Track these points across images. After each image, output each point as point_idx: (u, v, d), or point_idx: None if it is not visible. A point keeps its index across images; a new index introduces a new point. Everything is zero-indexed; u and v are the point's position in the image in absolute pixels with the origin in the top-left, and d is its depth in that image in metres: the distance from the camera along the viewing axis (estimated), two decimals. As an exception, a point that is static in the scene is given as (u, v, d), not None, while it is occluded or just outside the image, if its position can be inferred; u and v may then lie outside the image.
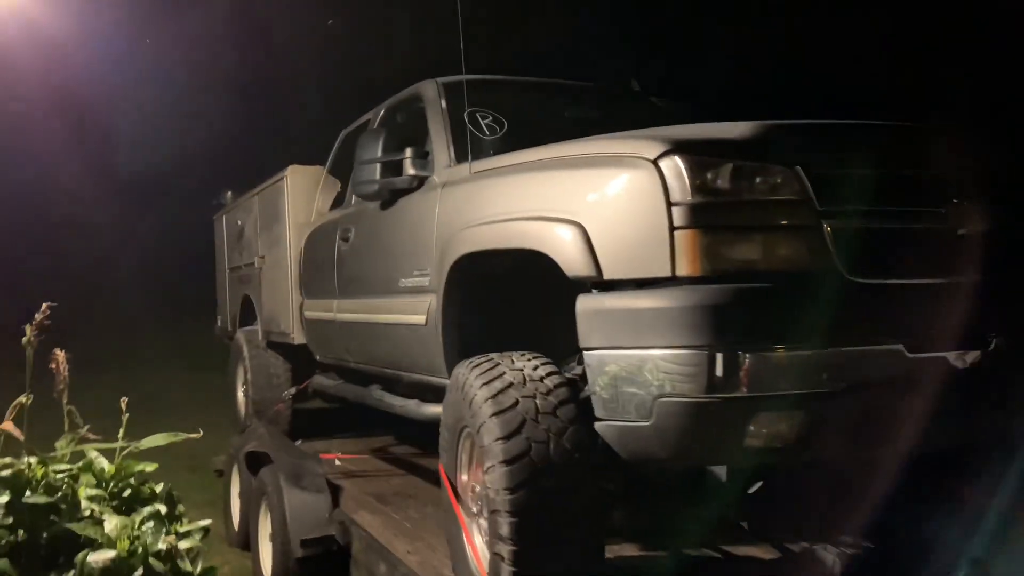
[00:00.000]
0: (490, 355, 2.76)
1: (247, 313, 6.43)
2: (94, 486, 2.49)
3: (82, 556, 2.16)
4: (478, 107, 3.74)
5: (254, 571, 4.49)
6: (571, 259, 2.49)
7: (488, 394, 2.55)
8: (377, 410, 4.38)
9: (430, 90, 4.01)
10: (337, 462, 4.81)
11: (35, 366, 2.71)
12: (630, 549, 3.18)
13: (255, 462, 4.61)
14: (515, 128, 3.77)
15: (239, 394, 6.41)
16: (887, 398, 2.31)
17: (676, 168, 2.29)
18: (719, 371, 2.19)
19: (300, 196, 5.41)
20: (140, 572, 2.19)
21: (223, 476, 5.57)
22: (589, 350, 2.47)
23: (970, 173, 2.52)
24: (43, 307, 2.78)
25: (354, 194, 4.33)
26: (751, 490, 3.07)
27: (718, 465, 2.96)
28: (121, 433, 2.73)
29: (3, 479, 2.32)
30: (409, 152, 3.68)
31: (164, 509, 2.41)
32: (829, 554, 2.82)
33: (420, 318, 3.46)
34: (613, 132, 2.83)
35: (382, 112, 4.63)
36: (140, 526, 2.29)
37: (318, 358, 5.25)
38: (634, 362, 2.32)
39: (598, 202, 2.50)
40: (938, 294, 2.38)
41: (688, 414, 2.24)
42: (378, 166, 3.73)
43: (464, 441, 2.85)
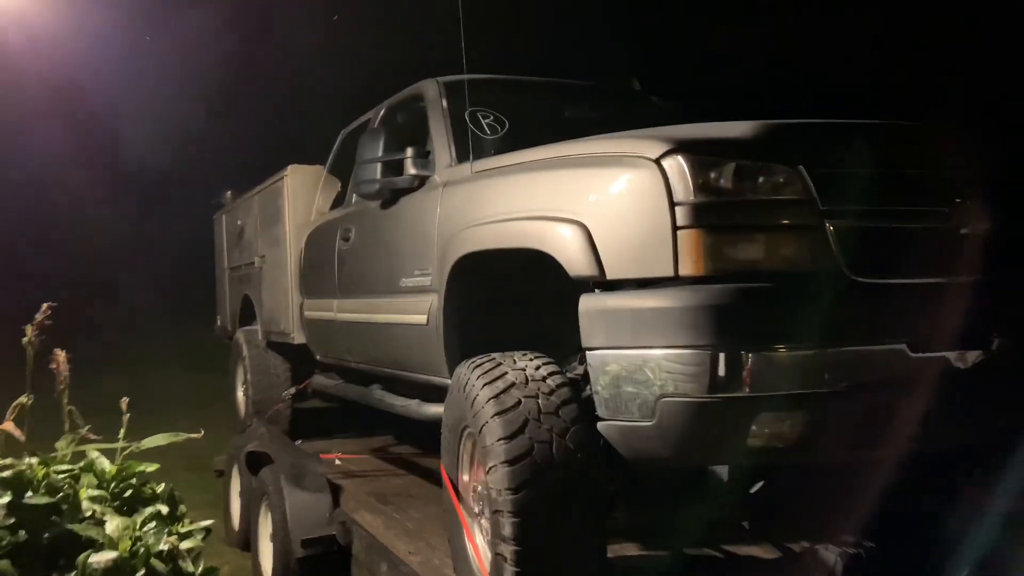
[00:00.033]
0: (492, 355, 2.76)
1: (247, 313, 6.42)
2: (95, 487, 2.49)
3: (84, 557, 2.15)
4: (478, 106, 3.74)
5: (254, 571, 4.49)
6: (574, 259, 2.48)
7: (490, 394, 2.54)
8: (377, 410, 4.37)
9: (431, 89, 4.01)
10: (337, 462, 4.81)
11: (35, 366, 2.71)
12: (631, 549, 3.18)
13: (255, 462, 4.61)
14: (516, 128, 3.77)
15: (239, 394, 6.41)
16: (890, 398, 2.30)
17: (679, 168, 2.28)
18: (722, 371, 2.19)
19: (300, 196, 5.40)
20: (142, 573, 2.19)
21: (223, 476, 5.57)
22: (592, 350, 2.46)
23: (973, 172, 2.52)
24: (43, 307, 2.78)
25: (355, 193, 4.33)
26: (752, 490, 3.07)
27: (720, 465, 2.96)
28: (122, 433, 2.73)
29: (4, 480, 2.32)
30: (410, 151, 3.67)
31: (166, 510, 2.41)
32: (831, 554, 2.82)
33: (421, 318, 3.46)
34: (614, 131, 2.83)
35: (382, 111, 4.63)
36: (142, 527, 2.29)
37: (318, 358, 5.25)
38: (637, 362, 2.32)
39: (601, 202, 2.49)
40: (941, 294, 2.37)
41: (691, 414, 2.24)
42: (379, 165, 3.73)
43: (466, 441, 2.85)
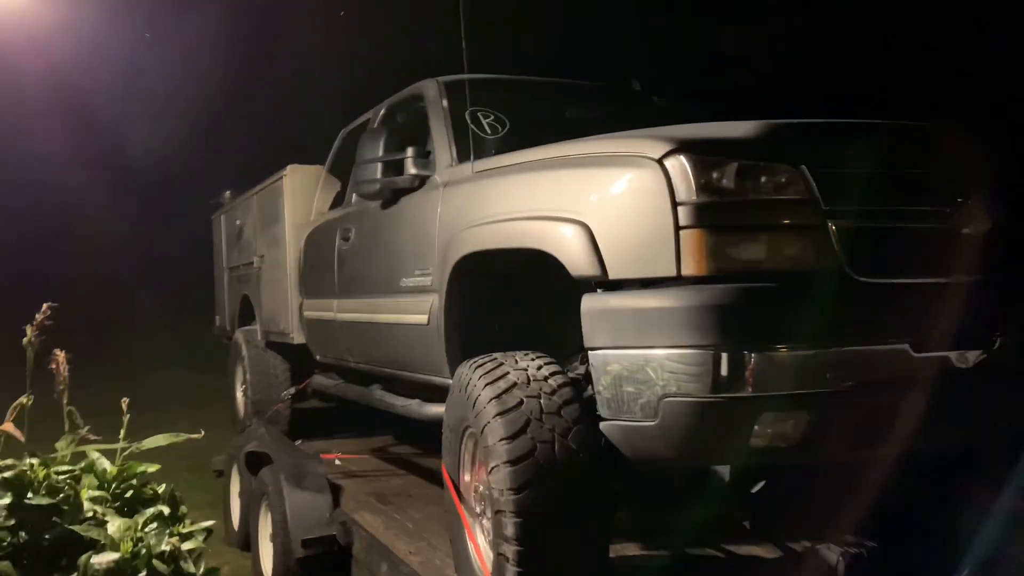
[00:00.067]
0: (494, 355, 2.75)
1: (246, 313, 6.41)
2: (96, 487, 2.48)
3: (85, 558, 2.15)
4: (478, 106, 3.73)
5: (254, 571, 4.48)
6: (576, 259, 2.48)
7: (492, 394, 2.54)
8: (376, 410, 4.37)
9: (431, 89, 4.00)
10: (337, 462, 4.80)
11: (35, 366, 2.70)
12: (633, 548, 3.18)
13: (255, 462, 4.60)
14: (516, 127, 3.76)
15: (238, 394, 6.41)
16: (892, 398, 2.30)
17: (681, 167, 2.28)
18: (725, 371, 2.19)
19: (299, 195, 5.39)
20: (144, 574, 2.18)
21: (222, 476, 5.56)
22: (594, 350, 2.46)
23: (975, 172, 2.52)
24: (43, 307, 2.77)
25: (355, 193, 4.32)
26: (754, 489, 3.07)
27: (723, 465, 2.96)
28: (122, 434, 2.72)
29: (5, 480, 2.31)
30: (411, 151, 3.67)
31: (167, 510, 2.40)
32: (833, 553, 2.82)
33: (422, 318, 3.46)
34: (614, 131, 2.83)
35: (382, 111, 4.62)
36: (143, 527, 2.28)
37: (318, 358, 5.24)
38: (639, 362, 2.32)
39: (603, 201, 2.49)
40: (943, 293, 2.37)
41: (694, 414, 2.24)
42: (379, 165, 3.72)
43: (467, 441, 2.84)
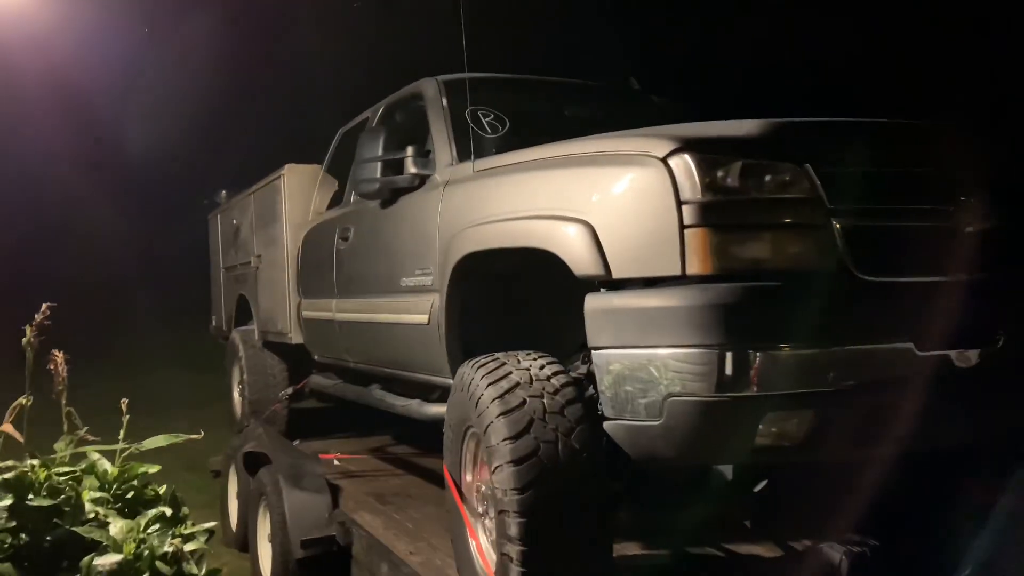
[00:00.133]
0: (495, 354, 2.74)
1: (242, 313, 6.39)
2: (97, 489, 2.47)
3: (88, 560, 2.14)
4: (477, 105, 3.72)
5: (253, 572, 4.46)
6: (579, 258, 2.47)
7: (495, 394, 2.53)
8: (373, 410, 4.36)
9: (430, 88, 3.99)
10: (336, 462, 4.79)
11: (35, 366, 2.69)
12: (634, 548, 3.17)
13: (253, 462, 4.58)
14: (515, 126, 3.75)
15: (235, 394, 6.39)
16: (896, 397, 2.30)
17: (686, 166, 2.27)
18: (729, 370, 2.18)
19: (297, 195, 5.37)
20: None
21: (220, 476, 5.54)
22: (598, 349, 2.45)
23: (978, 170, 2.52)
24: (43, 307, 2.76)
25: (354, 193, 4.30)
26: (756, 488, 3.07)
27: (727, 464, 2.96)
28: (122, 434, 2.71)
29: (6, 482, 2.30)
30: (411, 150, 3.65)
31: (169, 511, 2.39)
32: (836, 552, 2.82)
33: (422, 317, 3.45)
34: (614, 130, 2.82)
35: (381, 110, 4.61)
36: (146, 529, 2.27)
37: (316, 358, 5.22)
38: (643, 361, 2.31)
39: (606, 200, 2.48)
40: (946, 292, 2.37)
41: (698, 413, 2.23)
42: (379, 165, 3.71)
43: (469, 441, 2.83)
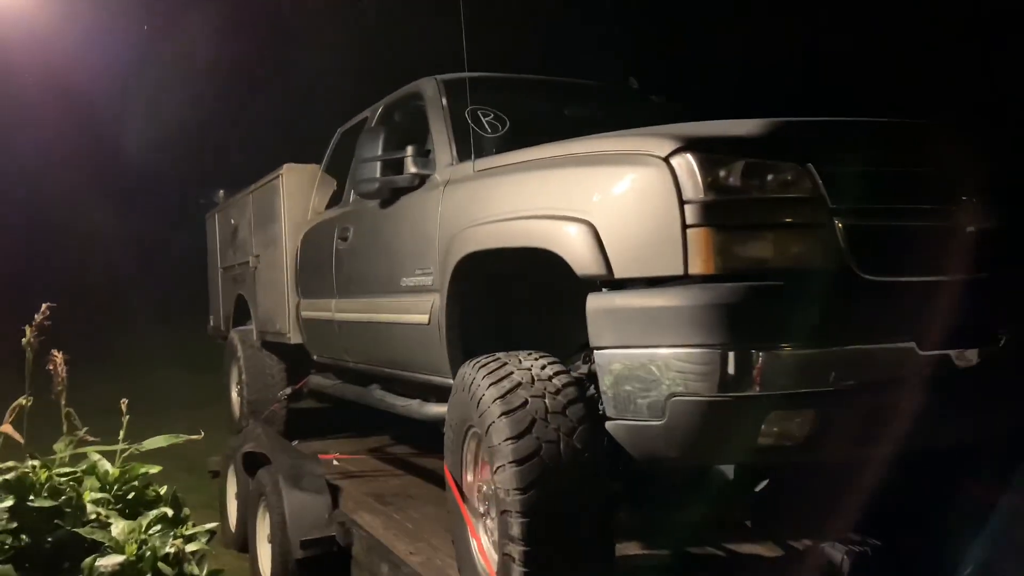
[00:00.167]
0: (497, 354, 2.74)
1: (240, 313, 6.38)
2: (98, 489, 2.46)
3: (90, 561, 2.13)
4: (477, 105, 3.72)
5: (252, 573, 4.45)
6: (581, 257, 2.47)
7: (497, 394, 2.52)
8: (372, 410, 4.35)
9: (430, 88, 3.98)
10: (335, 462, 4.78)
11: (34, 367, 2.68)
12: (634, 548, 3.17)
13: (252, 463, 4.57)
14: (515, 126, 3.75)
15: (233, 394, 6.37)
16: (898, 396, 2.30)
17: (688, 166, 2.27)
18: (732, 370, 2.18)
19: (296, 195, 5.36)
20: (148, 576, 2.17)
21: (218, 477, 5.53)
22: (599, 349, 2.45)
23: (981, 170, 2.52)
24: (42, 308, 2.75)
25: (353, 192, 4.30)
26: (757, 488, 3.07)
27: (729, 464, 2.96)
28: (122, 435, 2.71)
29: (7, 483, 2.29)
30: (410, 150, 3.65)
31: (170, 512, 2.38)
32: (837, 552, 2.82)
33: (423, 317, 3.44)
34: (614, 130, 2.82)
35: (380, 110, 4.60)
36: (147, 529, 2.26)
37: (315, 358, 5.21)
38: (645, 361, 2.31)
39: (608, 200, 2.48)
40: (948, 292, 2.37)
41: (701, 413, 2.23)
42: (378, 164, 3.70)
43: (470, 441, 2.83)
